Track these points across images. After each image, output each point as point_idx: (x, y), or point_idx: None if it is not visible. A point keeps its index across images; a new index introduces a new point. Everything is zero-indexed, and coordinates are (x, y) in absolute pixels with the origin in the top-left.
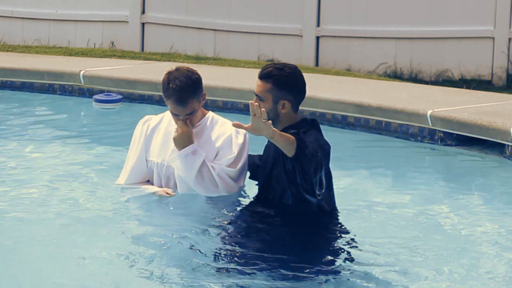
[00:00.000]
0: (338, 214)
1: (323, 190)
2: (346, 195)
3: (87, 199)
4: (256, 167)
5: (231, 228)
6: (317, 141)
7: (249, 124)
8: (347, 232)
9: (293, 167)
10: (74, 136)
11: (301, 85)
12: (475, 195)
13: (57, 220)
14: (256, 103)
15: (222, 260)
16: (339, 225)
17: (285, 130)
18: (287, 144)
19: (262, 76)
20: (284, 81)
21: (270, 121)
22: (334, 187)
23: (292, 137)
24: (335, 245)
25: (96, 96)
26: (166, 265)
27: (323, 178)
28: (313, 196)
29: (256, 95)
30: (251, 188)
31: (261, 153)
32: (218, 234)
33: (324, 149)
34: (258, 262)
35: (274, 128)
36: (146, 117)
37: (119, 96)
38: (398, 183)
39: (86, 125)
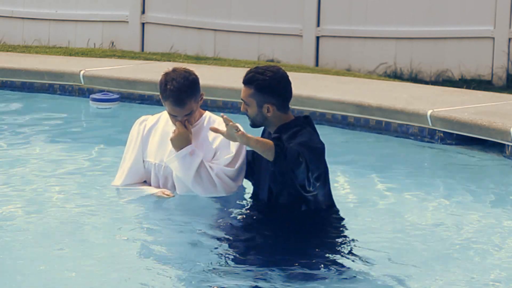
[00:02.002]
0: (337, 211)
1: (315, 188)
2: (345, 194)
3: (88, 199)
4: (248, 164)
5: (230, 229)
6: (309, 141)
7: (226, 130)
8: (346, 230)
9: (273, 170)
10: (74, 136)
11: (284, 87)
12: (475, 195)
13: (52, 221)
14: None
15: (221, 261)
16: (337, 223)
17: (278, 130)
18: (264, 150)
19: (245, 82)
20: (265, 85)
21: (241, 132)
22: (333, 186)
23: (271, 143)
24: (333, 243)
25: (93, 96)
26: (164, 266)
27: (311, 177)
28: (305, 192)
29: (242, 100)
30: (250, 187)
31: None
32: (217, 235)
33: (316, 149)
34: (256, 262)
35: (249, 135)
36: (143, 117)
37: (116, 96)
38: (398, 183)
39: (86, 125)
